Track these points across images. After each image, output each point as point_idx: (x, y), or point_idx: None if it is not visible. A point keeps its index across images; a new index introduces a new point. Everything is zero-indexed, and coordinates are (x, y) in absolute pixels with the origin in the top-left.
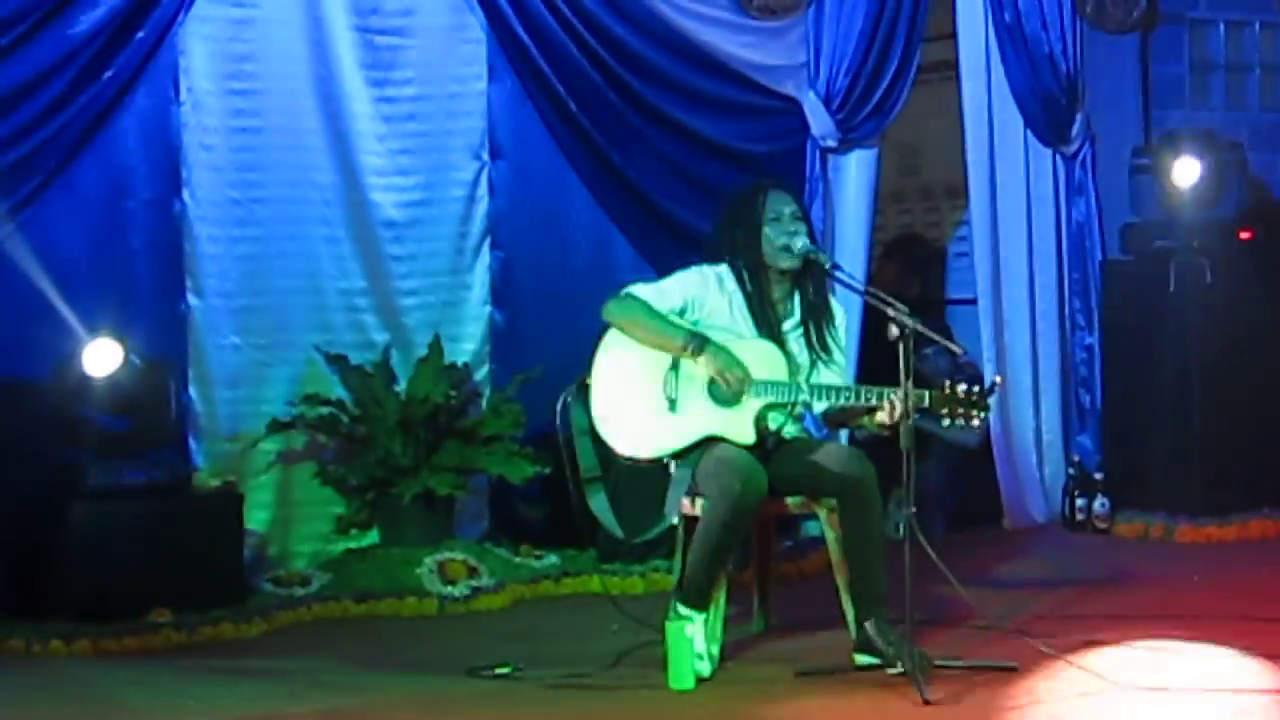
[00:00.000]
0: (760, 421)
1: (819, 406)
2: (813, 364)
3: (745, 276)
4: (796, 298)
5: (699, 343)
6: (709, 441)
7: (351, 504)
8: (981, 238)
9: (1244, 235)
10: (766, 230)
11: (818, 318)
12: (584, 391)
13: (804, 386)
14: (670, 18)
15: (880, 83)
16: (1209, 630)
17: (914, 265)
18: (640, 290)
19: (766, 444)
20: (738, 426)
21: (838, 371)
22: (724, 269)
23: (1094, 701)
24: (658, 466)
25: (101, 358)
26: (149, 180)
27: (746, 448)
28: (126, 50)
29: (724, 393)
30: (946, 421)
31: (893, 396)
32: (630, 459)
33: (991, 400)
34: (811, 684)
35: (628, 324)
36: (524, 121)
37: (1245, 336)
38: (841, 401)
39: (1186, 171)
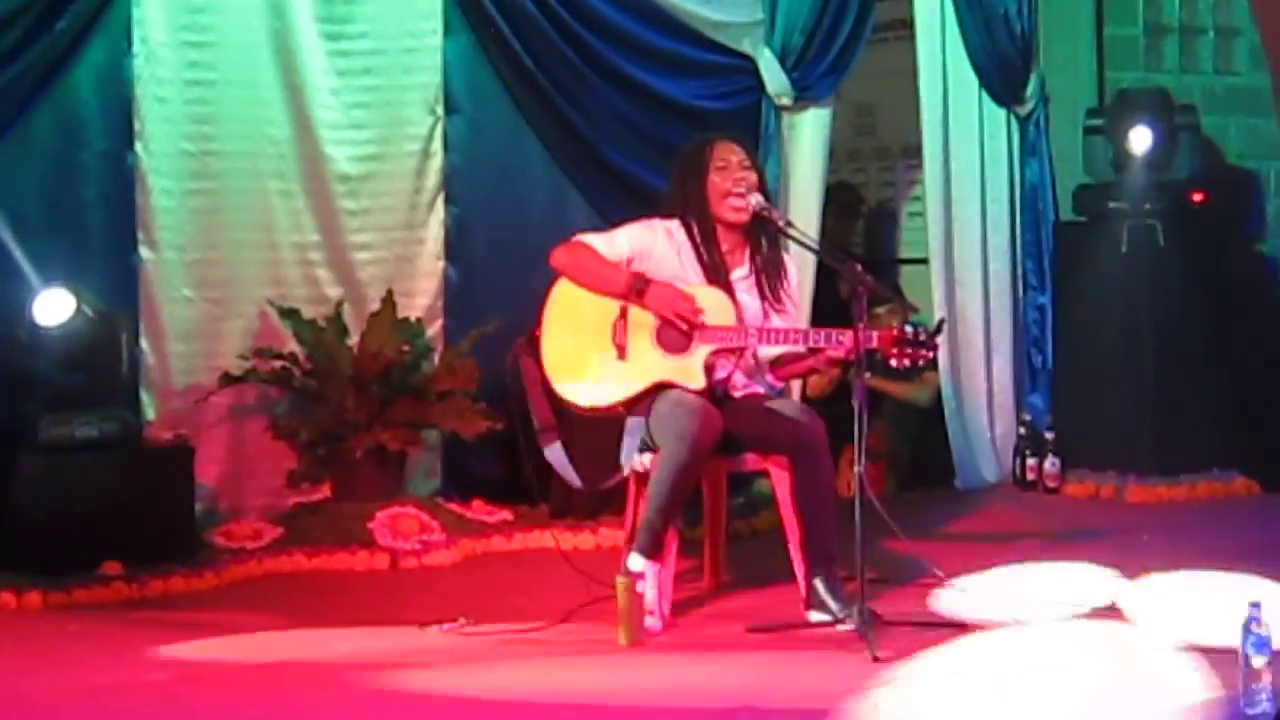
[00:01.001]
0: (710, 366)
1: (768, 351)
2: (764, 314)
3: (694, 228)
4: (748, 250)
5: (642, 283)
6: (660, 389)
7: (303, 459)
8: (935, 197)
9: (1196, 197)
10: (713, 178)
11: (770, 271)
12: (534, 344)
13: (752, 330)
14: None
15: (835, 41)
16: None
17: (843, 214)
18: (588, 238)
19: (716, 392)
20: (687, 372)
21: (789, 323)
22: (675, 223)
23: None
24: (611, 417)
25: (53, 308)
26: (102, 132)
27: (697, 393)
28: (79, 1)
29: (673, 339)
30: (896, 364)
31: (841, 338)
32: (582, 408)
33: (940, 339)
34: (762, 640)
35: (573, 270)
36: (479, 77)
37: (1196, 298)
38: (789, 344)
39: (1140, 139)
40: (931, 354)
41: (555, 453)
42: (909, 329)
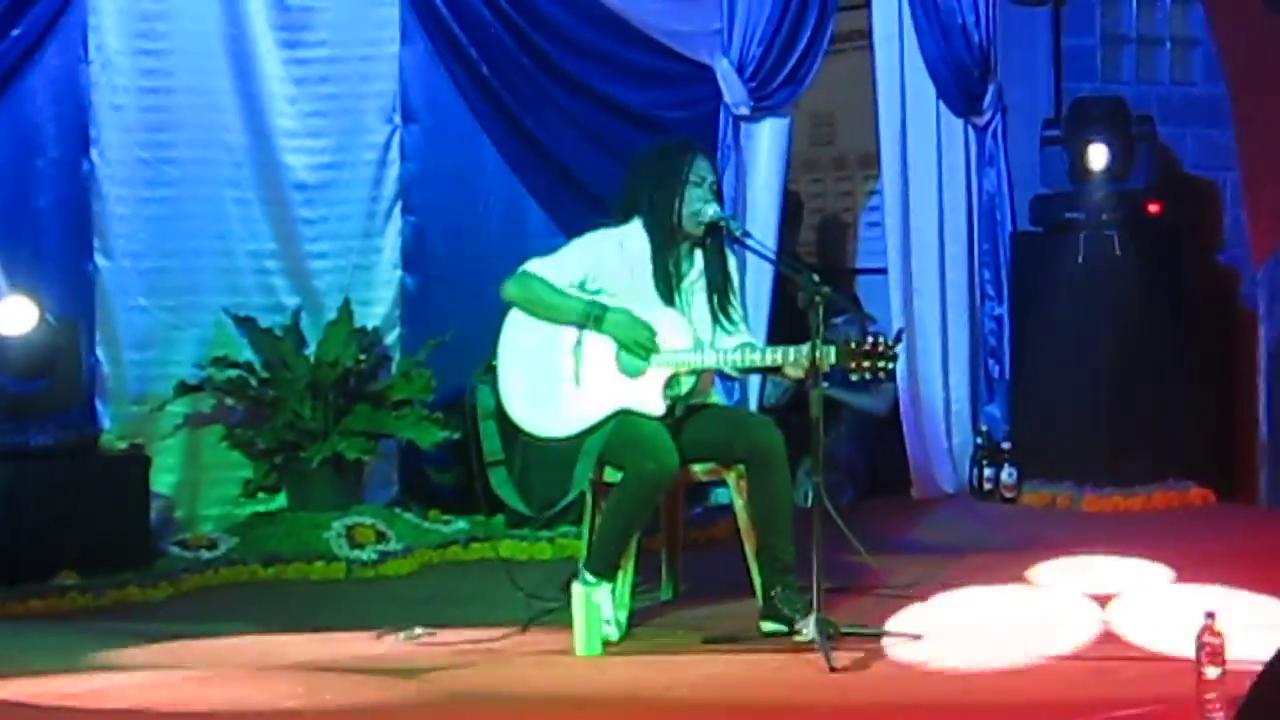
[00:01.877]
0: (669, 390)
1: (726, 368)
2: (715, 321)
3: (655, 235)
4: (697, 256)
5: (599, 312)
6: (619, 414)
7: (259, 468)
8: (893, 207)
9: (1153, 208)
10: (688, 193)
11: (717, 276)
12: (491, 374)
13: (711, 351)
14: None
15: (794, 51)
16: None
17: (786, 222)
18: (537, 267)
19: (675, 412)
20: (647, 398)
21: (743, 330)
22: (627, 230)
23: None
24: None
25: (15, 317)
26: (58, 139)
27: (657, 418)
28: (35, 8)
29: (631, 364)
30: (855, 376)
31: (799, 353)
32: (542, 439)
33: (899, 349)
34: (718, 650)
35: (527, 303)
36: (437, 85)
37: (1153, 309)
38: (747, 363)
39: (1098, 155)
40: (891, 365)
41: (503, 485)
42: (868, 340)
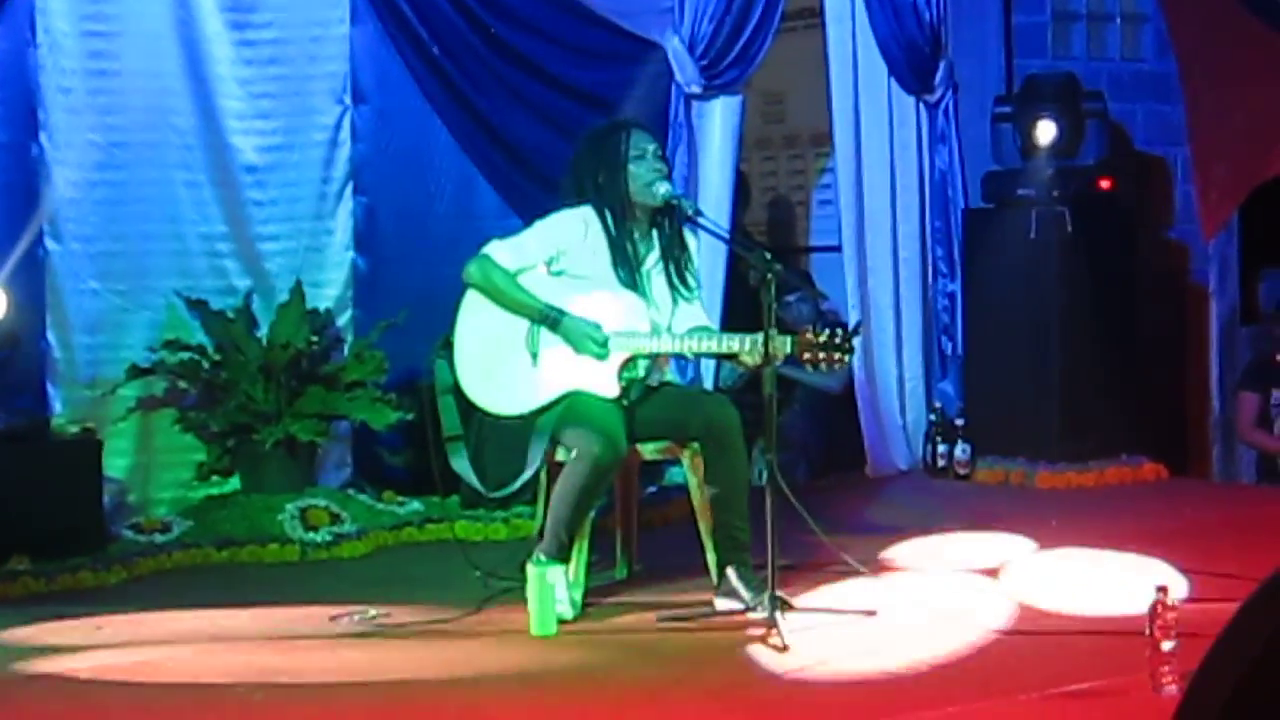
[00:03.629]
0: (625, 373)
1: (682, 351)
2: (674, 300)
3: (609, 218)
4: (654, 235)
5: (553, 319)
6: (571, 395)
7: (212, 450)
8: (846, 186)
9: (1104, 184)
10: (632, 169)
11: (676, 254)
12: (448, 349)
13: (668, 336)
14: None
15: (744, 29)
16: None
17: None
18: (498, 252)
19: (630, 395)
20: (601, 380)
21: (698, 307)
22: (588, 210)
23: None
24: (521, 422)
25: None
26: (5, 123)
27: (610, 399)
28: None
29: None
30: (810, 367)
31: (755, 342)
32: (495, 416)
33: (856, 342)
34: (673, 629)
35: (487, 291)
36: (387, 66)
37: (1104, 285)
38: (703, 349)
39: (1045, 132)
40: (848, 357)
41: (461, 461)
42: (824, 332)
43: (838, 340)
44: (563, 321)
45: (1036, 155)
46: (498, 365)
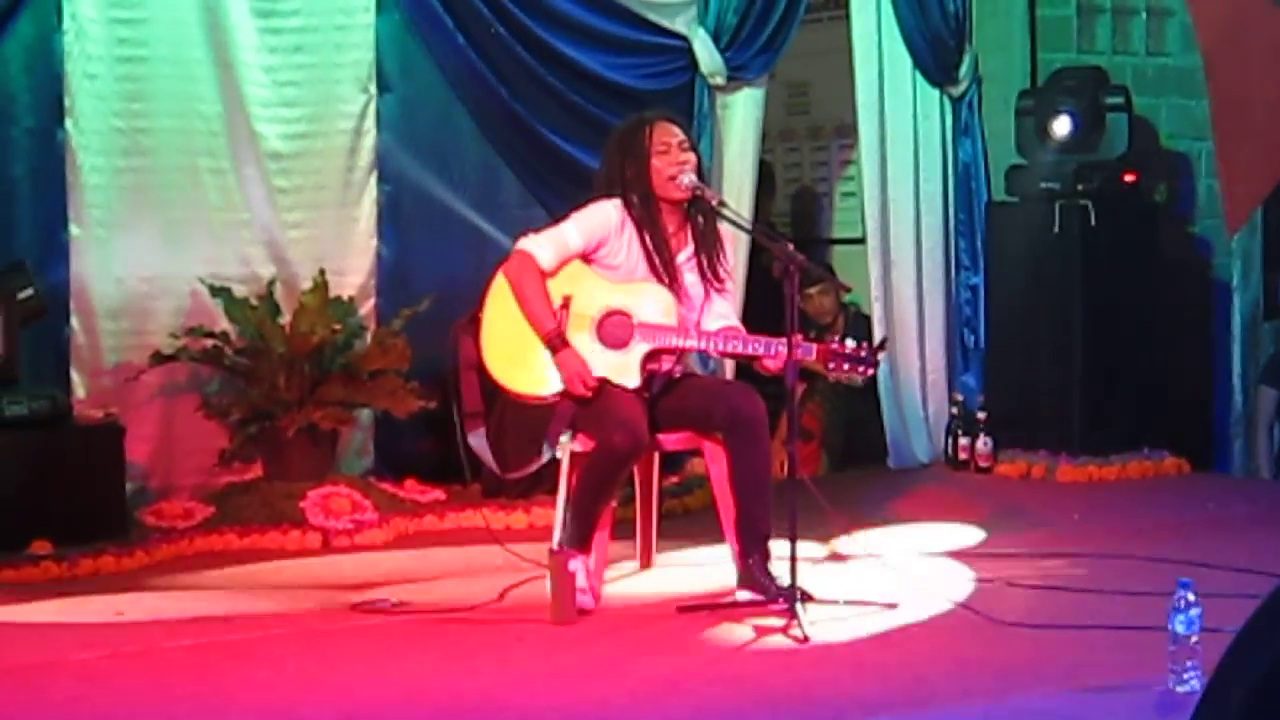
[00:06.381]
0: (646, 365)
1: (705, 349)
2: (706, 293)
3: (639, 212)
4: (689, 229)
5: (560, 342)
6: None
7: (235, 437)
8: (870, 178)
9: (1128, 178)
10: (655, 162)
11: (709, 247)
12: (474, 325)
13: (692, 333)
14: None
15: (769, 20)
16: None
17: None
18: (540, 249)
19: (653, 386)
20: (624, 369)
21: (730, 300)
22: (620, 202)
23: (970, 636)
24: (541, 404)
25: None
26: (32, 108)
27: (633, 391)
28: None
29: (613, 334)
30: (834, 378)
31: (779, 348)
32: (515, 394)
33: (881, 357)
34: (693, 619)
35: (515, 292)
36: (411, 55)
37: (1127, 279)
38: (727, 349)
39: (1060, 126)
40: (871, 370)
41: (479, 440)
42: (849, 343)
43: (863, 354)
44: (562, 350)
45: (1052, 148)
46: (524, 348)
